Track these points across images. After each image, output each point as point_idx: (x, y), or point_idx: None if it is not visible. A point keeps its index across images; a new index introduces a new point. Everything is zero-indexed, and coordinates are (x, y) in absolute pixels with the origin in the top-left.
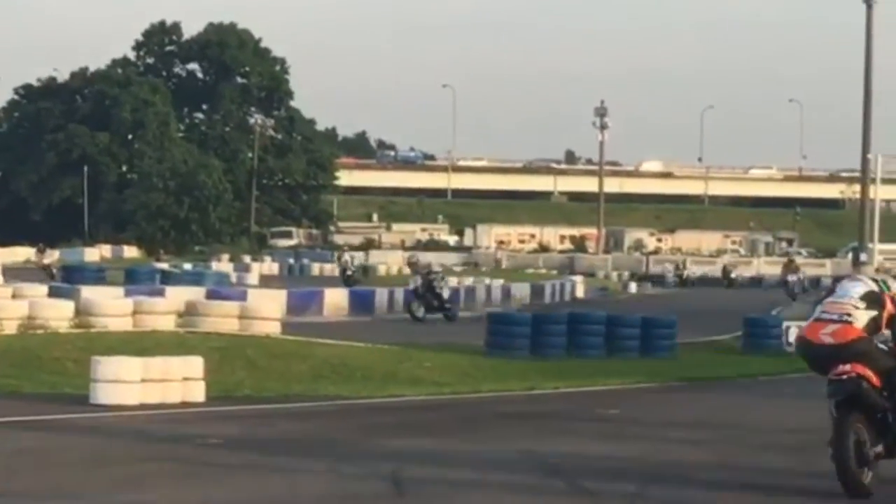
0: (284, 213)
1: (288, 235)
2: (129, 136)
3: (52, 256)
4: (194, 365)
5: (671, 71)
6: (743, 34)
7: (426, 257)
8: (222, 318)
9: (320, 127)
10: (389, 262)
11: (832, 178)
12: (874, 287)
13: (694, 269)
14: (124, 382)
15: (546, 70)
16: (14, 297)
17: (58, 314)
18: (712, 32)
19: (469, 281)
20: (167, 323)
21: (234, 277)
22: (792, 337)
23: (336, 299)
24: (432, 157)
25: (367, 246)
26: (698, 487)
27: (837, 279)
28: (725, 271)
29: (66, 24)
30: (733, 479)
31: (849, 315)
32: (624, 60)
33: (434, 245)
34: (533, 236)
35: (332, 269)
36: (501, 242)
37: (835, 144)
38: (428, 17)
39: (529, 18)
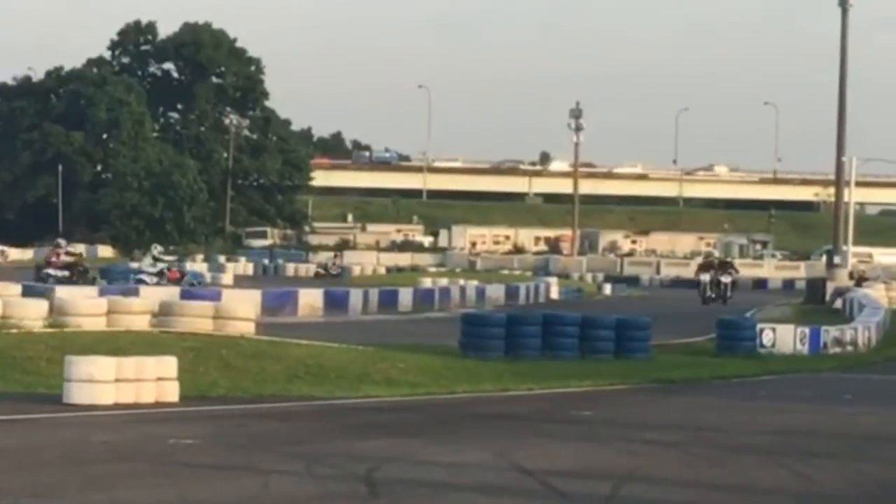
0: (259, 213)
1: (263, 236)
2: (104, 136)
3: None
4: (168, 365)
5: (646, 74)
6: (718, 37)
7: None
8: (197, 319)
9: (296, 127)
10: (364, 262)
11: (807, 180)
12: None
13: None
14: (98, 382)
15: (521, 72)
16: None
17: (31, 313)
18: (688, 35)
19: (443, 282)
20: (141, 323)
21: (208, 277)
22: (766, 339)
23: (311, 300)
24: (407, 158)
25: (342, 246)
26: (672, 489)
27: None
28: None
29: (40, 24)
30: (706, 481)
31: None
32: (599, 63)
33: (408, 246)
34: (508, 237)
35: (306, 269)
36: (474, 244)
37: (809, 147)
38: (404, 19)
39: (505, 20)
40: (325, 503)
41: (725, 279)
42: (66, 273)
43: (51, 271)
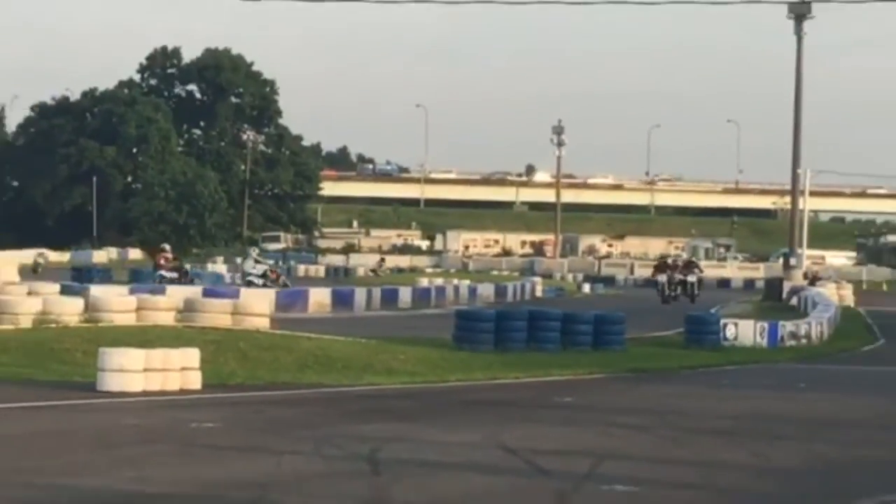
0: (273, 219)
1: (276, 240)
2: (134, 150)
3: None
4: (191, 356)
5: (621, 94)
6: (687, 61)
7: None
8: (217, 314)
9: (306, 142)
10: (368, 264)
11: (765, 190)
12: None
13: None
14: (128, 371)
15: (509, 92)
16: (29, 294)
17: (69, 310)
18: (659, 60)
19: (439, 281)
20: (167, 318)
21: (227, 277)
22: (729, 333)
23: (320, 297)
24: (407, 170)
25: (348, 250)
26: (643, 467)
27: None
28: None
29: (77, 49)
30: (673, 460)
31: None
32: (579, 84)
33: (408, 249)
34: (497, 241)
35: (316, 269)
36: (467, 247)
37: (768, 160)
38: (403, 45)
39: (494, 47)
40: (332, 480)
41: (691, 278)
42: (175, 275)
43: (164, 273)
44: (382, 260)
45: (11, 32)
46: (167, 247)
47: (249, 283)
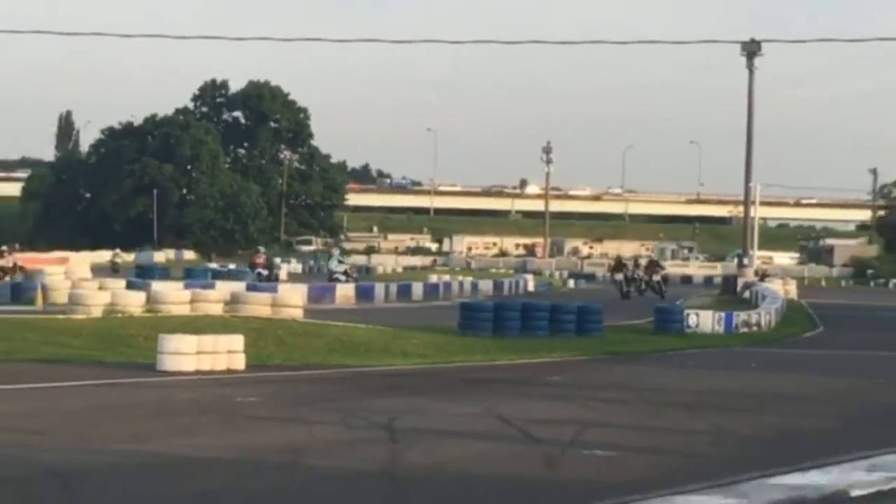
0: (306, 225)
1: (308, 243)
2: (188, 167)
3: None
4: (237, 341)
5: (600, 119)
6: (656, 91)
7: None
8: (258, 306)
9: (334, 160)
10: (386, 263)
11: (722, 201)
12: None
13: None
14: (183, 354)
15: (505, 117)
16: (100, 288)
17: (133, 302)
18: (633, 89)
19: (446, 278)
20: (216, 309)
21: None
22: (691, 321)
23: (345, 291)
24: (419, 184)
25: (369, 251)
26: (620, 434)
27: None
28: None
29: (140, 81)
30: (645, 428)
31: None
32: (565, 110)
33: (419, 250)
34: (495, 244)
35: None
36: (470, 249)
37: (725, 175)
38: (416, 77)
39: (493, 78)
40: (355, 446)
41: (656, 277)
42: (267, 272)
43: (260, 271)
44: (434, 261)
45: (85, 66)
46: (262, 249)
47: (335, 279)
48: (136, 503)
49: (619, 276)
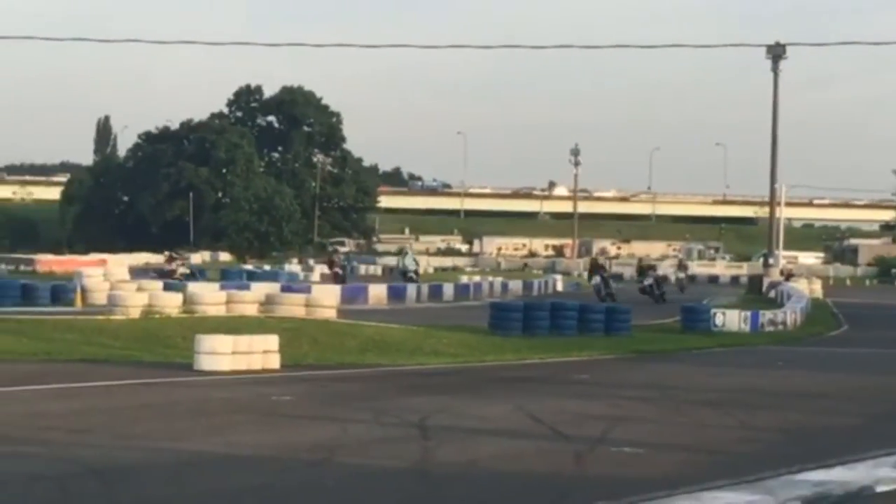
0: (339, 227)
1: (342, 244)
2: (223, 170)
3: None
4: (271, 341)
5: (627, 121)
6: (683, 93)
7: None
8: (293, 306)
9: (366, 163)
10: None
11: (748, 201)
12: None
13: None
14: (219, 354)
15: (534, 121)
16: (138, 290)
17: (170, 303)
18: (660, 92)
19: (476, 278)
20: (251, 310)
21: (301, 276)
22: (718, 320)
23: (377, 292)
24: (449, 186)
25: (400, 252)
26: (648, 431)
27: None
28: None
29: (176, 87)
30: (672, 425)
31: None
32: (592, 113)
33: (450, 251)
34: (524, 245)
35: (374, 269)
36: (500, 250)
37: (750, 176)
38: (447, 81)
39: (521, 81)
40: (388, 444)
41: (647, 280)
42: (341, 271)
43: (338, 270)
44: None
45: (122, 73)
46: (339, 249)
47: (408, 278)
48: (173, 499)
49: (597, 280)
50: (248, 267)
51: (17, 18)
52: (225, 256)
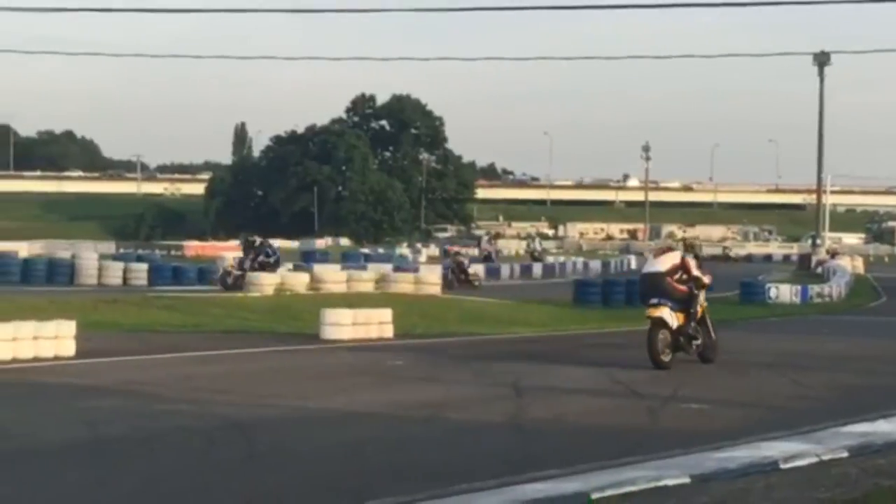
0: (442, 216)
1: (444, 230)
2: (343, 168)
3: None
4: (386, 314)
5: (692, 121)
6: (740, 96)
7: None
8: (403, 284)
9: (465, 160)
10: (511, 247)
11: (797, 190)
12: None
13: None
14: (341, 325)
15: (610, 120)
16: None
17: (299, 282)
18: (720, 95)
19: (562, 259)
20: (368, 287)
21: (410, 258)
22: (772, 293)
23: (476, 271)
24: (537, 179)
25: (496, 237)
26: (712, 390)
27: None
28: (725, 251)
29: (301, 96)
30: (733, 385)
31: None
32: (660, 114)
33: (538, 236)
34: (603, 230)
35: (472, 251)
36: (581, 234)
37: (800, 167)
38: (534, 87)
39: (599, 86)
40: (487, 401)
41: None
42: (488, 255)
43: (490, 253)
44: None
45: (256, 84)
46: (486, 235)
47: (535, 257)
48: (303, 449)
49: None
50: (365, 250)
51: (165, 40)
52: (345, 242)
